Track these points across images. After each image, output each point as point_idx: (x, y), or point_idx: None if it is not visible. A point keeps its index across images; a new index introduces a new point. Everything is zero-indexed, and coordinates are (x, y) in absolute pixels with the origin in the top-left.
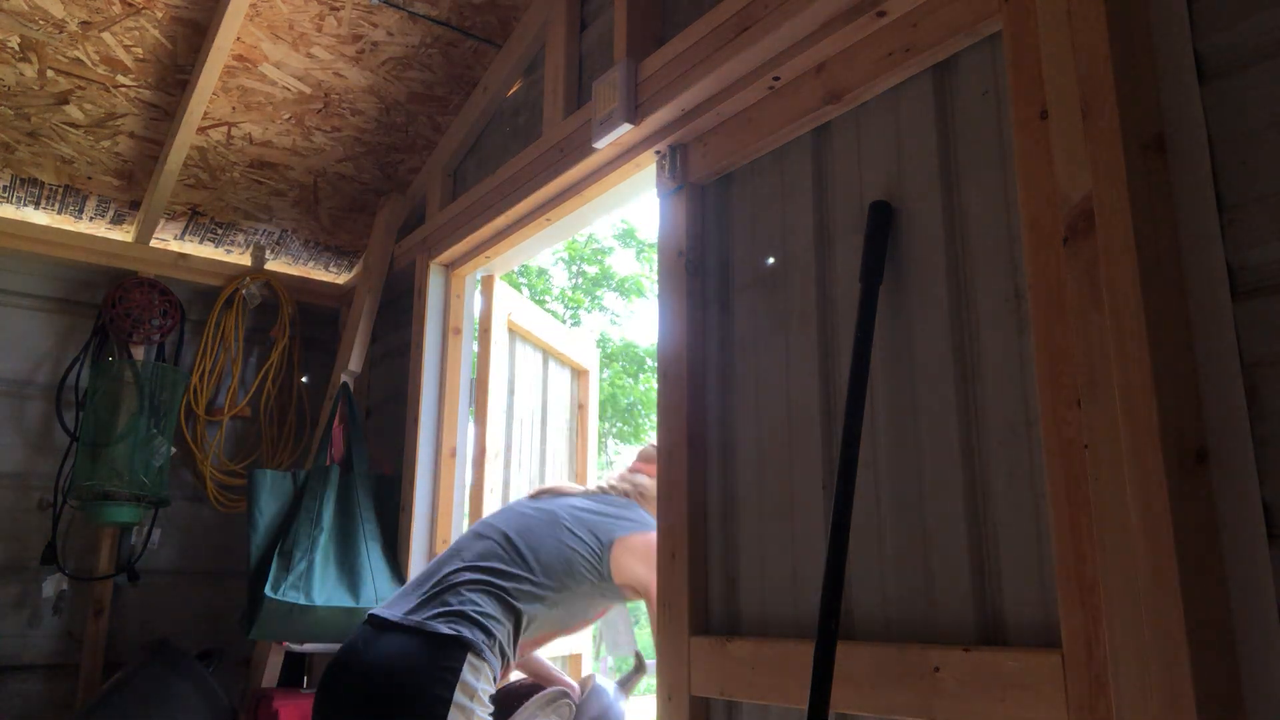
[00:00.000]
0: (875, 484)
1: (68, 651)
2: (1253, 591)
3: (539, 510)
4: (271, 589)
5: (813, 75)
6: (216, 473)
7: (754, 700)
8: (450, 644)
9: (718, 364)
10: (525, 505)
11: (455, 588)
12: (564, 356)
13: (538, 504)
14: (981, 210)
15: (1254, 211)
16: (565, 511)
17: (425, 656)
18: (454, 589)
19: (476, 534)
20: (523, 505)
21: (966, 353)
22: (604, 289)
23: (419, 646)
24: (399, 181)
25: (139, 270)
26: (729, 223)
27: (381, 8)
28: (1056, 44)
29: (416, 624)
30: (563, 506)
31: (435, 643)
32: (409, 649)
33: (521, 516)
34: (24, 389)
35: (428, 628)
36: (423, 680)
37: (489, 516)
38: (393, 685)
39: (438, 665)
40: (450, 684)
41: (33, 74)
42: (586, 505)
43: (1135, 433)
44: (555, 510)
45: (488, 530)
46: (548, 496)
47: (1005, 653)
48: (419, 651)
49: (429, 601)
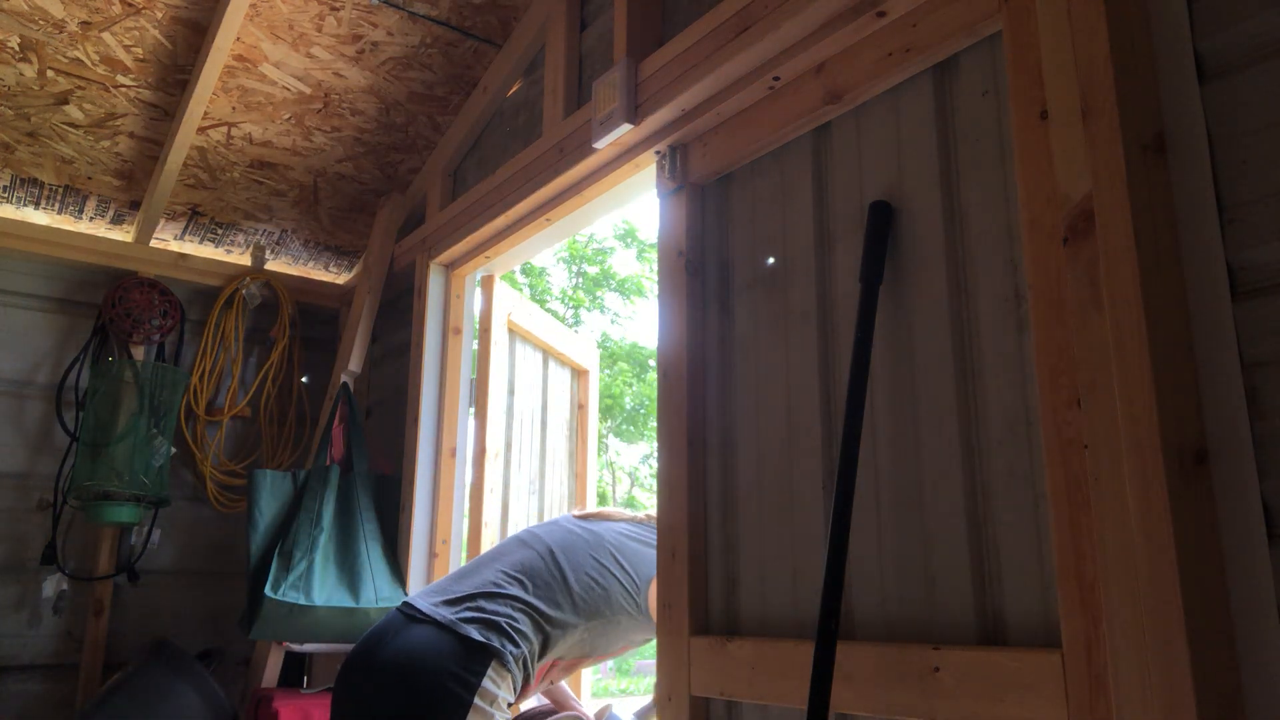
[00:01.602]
0: (875, 484)
1: (68, 651)
2: (1253, 591)
3: (586, 531)
4: (271, 589)
5: (813, 75)
6: (216, 473)
7: (754, 700)
8: (478, 650)
9: (718, 364)
10: (572, 523)
11: (492, 595)
12: (564, 356)
13: (586, 525)
14: (981, 210)
15: (1254, 211)
16: (611, 536)
17: (452, 656)
18: (490, 596)
19: (521, 541)
20: (570, 523)
21: (966, 353)
22: (604, 289)
23: (448, 645)
24: (399, 181)
25: (139, 270)
26: (729, 223)
27: (381, 8)
28: (1056, 44)
29: (449, 621)
30: (609, 531)
31: (465, 645)
32: (438, 645)
33: (568, 534)
34: (24, 389)
35: (459, 629)
36: (446, 679)
37: (534, 527)
38: (416, 677)
39: (464, 667)
40: (473, 687)
41: (33, 74)
42: (632, 533)
43: (1135, 433)
44: (601, 534)
45: (533, 541)
46: (595, 520)
47: (1005, 653)
48: (448, 650)
49: (463, 601)
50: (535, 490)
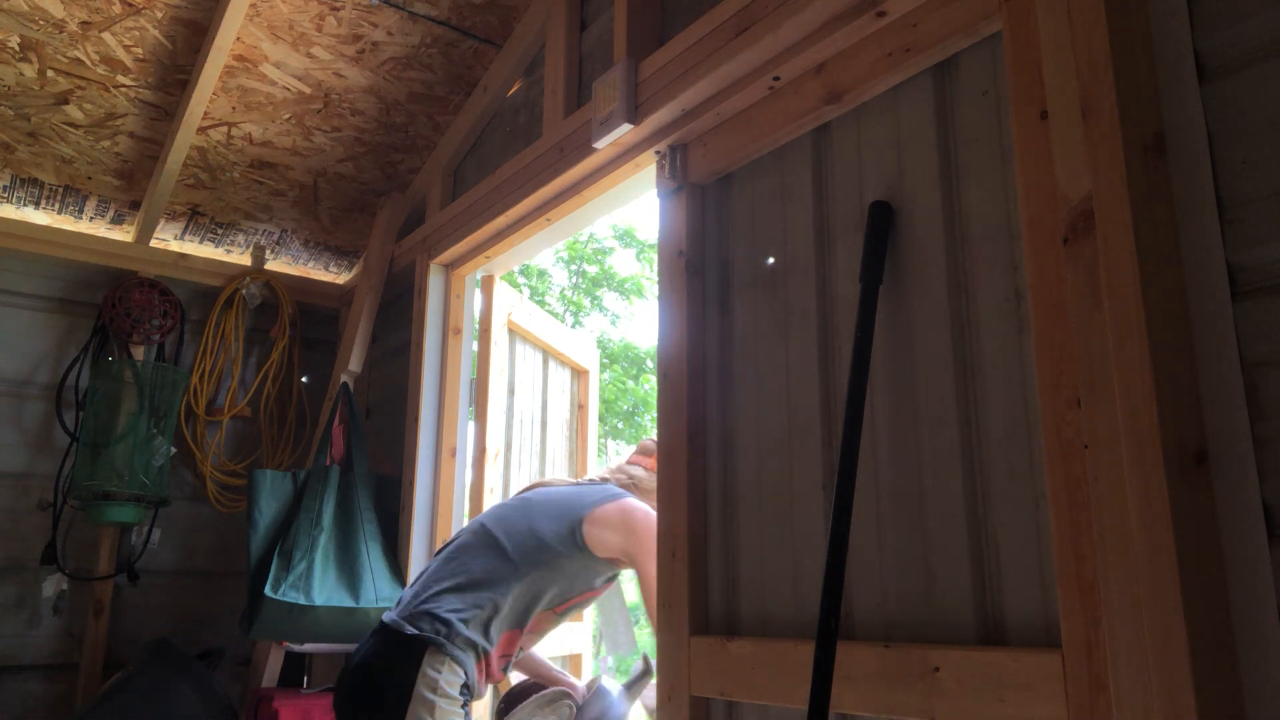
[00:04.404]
0: (875, 484)
1: (68, 651)
2: (1253, 591)
3: (519, 500)
4: (271, 589)
5: (813, 75)
6: (216, 473)
7: (754, 700)
8: (410, 643)
9: (718, 364)
10: (510, 499)
11: (429, 586)
12: (564, 356)
13: (519, 496)
14: (981, 210)
15: (1254, 211)
16: (539, 496)
17: (389, 655)
18: (428, 588)
19: (461, 530)
20: (508, 500)
21: (966, 353)
22: (604, 289)
23: (388, 646)
24: (399, 181)
25: (139, 270)
26: (729, 223)
27: (381, 8)
28: (1056, 44)
29: (391, 623)
30: (539, 493)
31: (399, 641)
32: (381, 648)
33: (500, 508)
34: (24, 389)
35: (395, 626)
36: (386, 676)
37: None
38: (366, 681)
39: (399, 662)
40: (410, 678)
41: (33, 74)
42: (565, 490)
43: (1135, 433)
44: (530, 498)
45: (468, 526)
46: (534, 489)
47: (1005, 653)
48: (386, 650)
49: (411, 602)
50: None
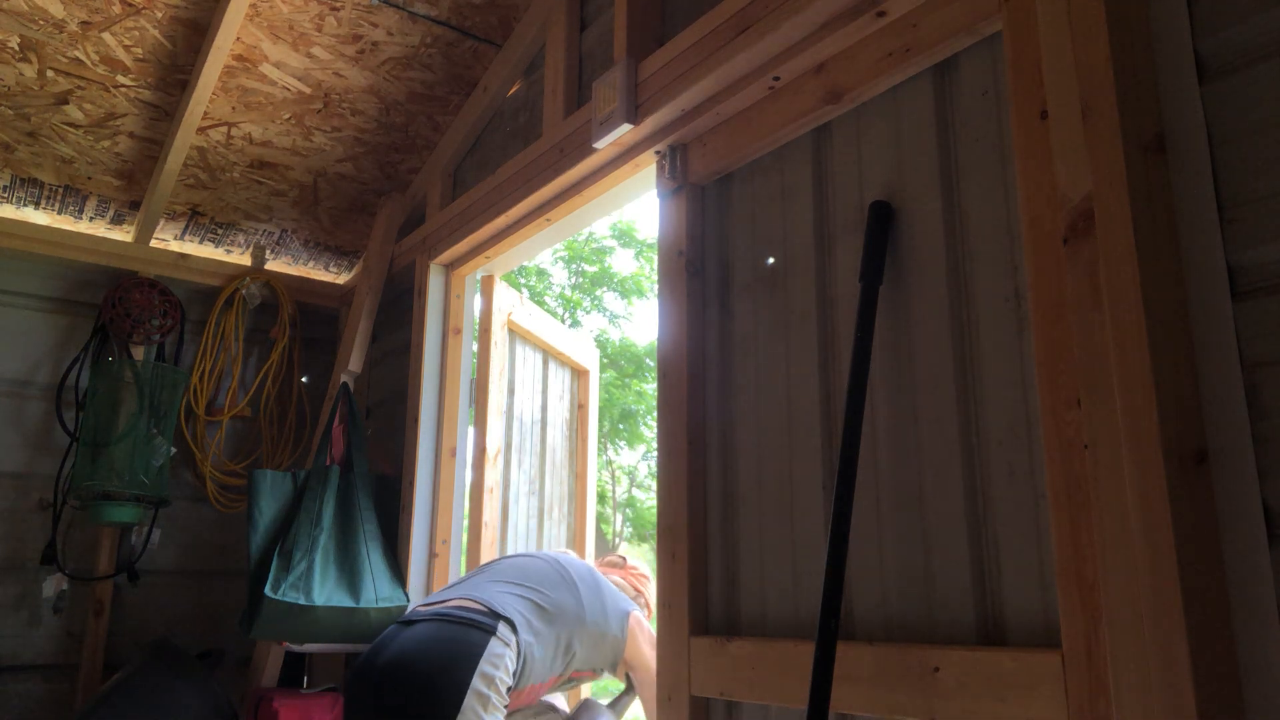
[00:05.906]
0: (875, 484)
1: (68, 651)
2: (1253, 591)
3: (578, 560)
4: (271, 589)
5: (813, 75)
6: (216, 473)
7: (754, 700)
8: (474, 627)
9: (718, 364)
10: (563, 554)
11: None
12: (564, 356)
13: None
14: (981, 210)
15: (1254, 211)
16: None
17: (449, 640)
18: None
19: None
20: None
21: (966, 353)
22: (604, 289)
23: (445, 631)
24: (399, 181)
25: (139, 270)
26: (729, 223)
27: (381, 8)
28: (1056, 44)
29: (443, 612)
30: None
31: (461, 625)
32: (434, 633)
33: (565, 556)
34: (24, 389)
35: (454, 615)
36: (444, 663)
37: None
38: (413, 669)
39: (461, 648)
40: (474, 660)
41: (33, 74)
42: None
43: (1135, 433)
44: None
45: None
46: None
47: (1005, 653)
48: (445, 635)
49: (457, 600)
50: (535, 490)
